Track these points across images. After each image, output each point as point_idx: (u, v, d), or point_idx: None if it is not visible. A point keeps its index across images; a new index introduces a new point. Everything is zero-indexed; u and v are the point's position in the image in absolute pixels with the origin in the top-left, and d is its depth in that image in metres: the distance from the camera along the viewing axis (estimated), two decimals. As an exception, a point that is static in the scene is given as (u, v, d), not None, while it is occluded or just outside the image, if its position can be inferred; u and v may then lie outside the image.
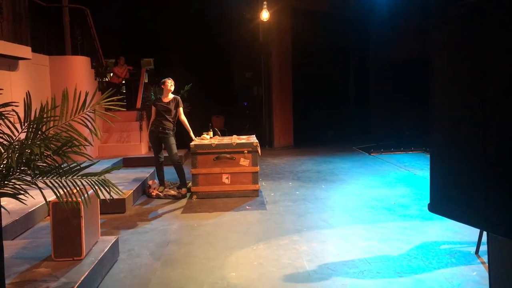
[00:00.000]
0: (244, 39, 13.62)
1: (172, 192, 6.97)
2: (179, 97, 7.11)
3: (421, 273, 3.86)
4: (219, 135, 7.79)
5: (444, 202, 1.19)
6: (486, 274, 3.79)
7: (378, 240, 4.76)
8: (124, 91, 12.69)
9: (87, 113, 3.14)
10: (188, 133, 7.09)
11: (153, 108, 7.07)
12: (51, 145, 2.85)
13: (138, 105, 10.91)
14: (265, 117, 13.26)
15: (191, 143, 6.89)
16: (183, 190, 7.02)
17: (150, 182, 7.50)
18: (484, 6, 1.01)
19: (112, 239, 4.33)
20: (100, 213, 4.33)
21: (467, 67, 1.10)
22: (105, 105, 3.22)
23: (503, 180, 0.99)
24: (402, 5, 12.80)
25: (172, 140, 6.97)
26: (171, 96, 7.00)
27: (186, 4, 13.08)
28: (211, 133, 7.52)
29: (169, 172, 7.49)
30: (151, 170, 8.07)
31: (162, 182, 7.24)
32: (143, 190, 7.26)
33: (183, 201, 6.71)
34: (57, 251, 3.74)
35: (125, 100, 11.14)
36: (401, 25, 13.26)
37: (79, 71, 9.43)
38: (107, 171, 3.21)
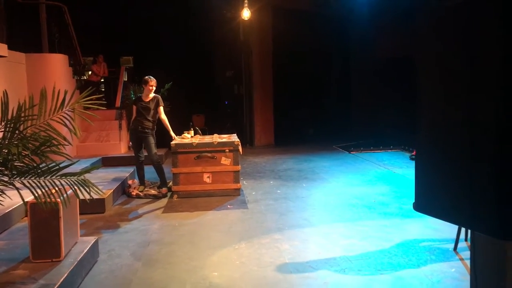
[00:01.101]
0: (224, 38, 13.57)
1: (153, 192, 6.91)
2: (159, 96, 7.04)
3: (401, 270, 3.91)
4: (200, 134, 7.75)
5: (429, 201, 1.20)
6: (465, 271, 3.87)
7: (359, 238, 4.80)
8: (103, 89, 12.53)
9: (66, 112, 3.09)
10: (168, 132, 7.03)
11: (134, 107, 7.01)
12: (29, 144, 2.79)
13: (118, 103, 10.78)
14: (246, 116, 13.25)
15: (171, 142, 6.84)
16: (164, 189, 6.96)
17: (130, 182, 7.42)
18: (470, 7, 1.02)
19: (91, 239, 4.27)
20: (79, 214, 4.26)
21: (454, 68, 1.11)
22: (85, 103, 3.16)
23: (487, 179, 1.00)
24: (383, 5, 12.92)
25: (152, 140, 6.91)
26: (151, 95, 6.93)
27: (167, 2, 12.96)
28: (192, 132, 7.48)
29: (150, 172, 7.42)
30: (131, 169, 7.98)
31: (142, 182, 7.17)
32: (122, 189, 7.18)
33: (164, 201, 6.66)
34: (35, 253, 3.66)
35: (103, 99, 10.99)
36: (382, 25, 13.38)
37: (56, 69, 9.26)
38: (87, 171, 3.17)
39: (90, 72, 12.02)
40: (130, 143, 7.21)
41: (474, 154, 1.05)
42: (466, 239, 4.55)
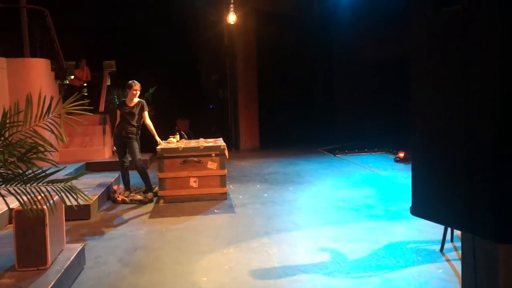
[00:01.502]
0: (209, 42, 13.55)
1: (138, 197, 6.85)
2: (144, 101, 6.98)
3: (389, 272, 3.94)
4: (185, 139, 7.72)
5: (426, 205, 1.21)
6: (452, 272, 3.91)
7: (346, 240, 4.82)
8: (86, 93, 12.39)
9: (52, 118, 3.05)
10: (153, 137, 6.97)
11: (118, 112, 6.94)
12: (15, 151, 2.75)
13: (101, 108, 10.68)
14: (231, 119, 13.24)
15: (157, 147, 6.79)
16: (150, 194, 6.90)
17: (115, 187, 7.35)
18: (465, 14, 1.04)
19: (78, 246, 4.21)
20: (64, 220, 4.20)
21: (449, 73, 1.12)
22: (72, 109, 3.13)
23: (483, 183, 1.01)
24: (364, 9, 13.06)
25: (136, 145, 6.85)
26: (136, 99, 6.88)
27: (150, 6, 12.90)
28: (177, 136, 7.45)
29: (135, 177, 7.35)
30: (116, 174, 7.90)
31: (127, 187, 7.11)
32: (108, 195, 7.10)
33: (150, 206, 6.61)
34: (20, 261, 3.60)
35: (88, 104, 10.87)
36: (364, 28, 13.51)
37: (38, 74, 9.14)
38: (74, 177, 3.13)
39: (72, 77, 11.88)
40: (114, 148, 7.12)
41: (470, 158, 1.06)
42: (452, 240, 4.61)
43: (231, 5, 8.41)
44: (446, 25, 1.11)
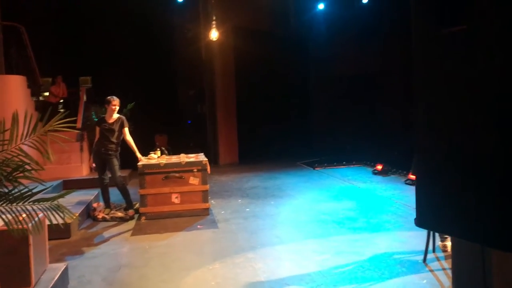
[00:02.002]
0: (186, 57, 13.58)
1: (119, 214, 6.77)
2: (123, 117, 6.94)
3: (375, 284, 3.99)
4: (166, 154, 7.68)
5: (431, 216, 1.25)
6: (435, 282, 3.99)
7: (331, 253, 4.86)
8: (61, 110, 12.22)
9: (38, 136, 3.01)
10: (134, 153, 6.92)
11: (97, 128, 6.88)
12: (2, 170, 2.71)
13: (79, 125, 10.54)
14: (209, 134, 13.23)
15: (138, 163, 6.74)
16: (130, 211, 6.83)
17: (94, 205, 7.23)
18: (468, 34, 1.10)
19: (61, 266, 4.13)
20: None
21: (452, 90, 1.18)
22: (58, 127, 3.10)
23: (500, 192, 1.05)
24: (339, 26, 13.34)
25: (115, 161, 6.79)
26: (115, 116, 6.83)
27: (127, 22, 12.87)
28: (158, 152, 7.40)
29: (115, 194, 7.26)
30: (95, 192, 7.78)
31: (107, 204, 7.02)
32: (87, 213, 6.99)
33: (131, 223, 6.53)
34: (3, 282, 3.51)
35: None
36: (339, 44, 13.78)
37: (15, 90, 8.99)
38: (60, 195, 3.10)
39: (47, 93, 11.71)
40: (94, 165, 7.01)
41: (477, 169, 1.11)
42: (434, 251, 4.70)
43: (213, 22, 8.46)
44: (448, 45, 1.17)
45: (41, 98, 11.50)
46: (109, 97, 6.84)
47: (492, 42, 1.05)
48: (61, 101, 12.15)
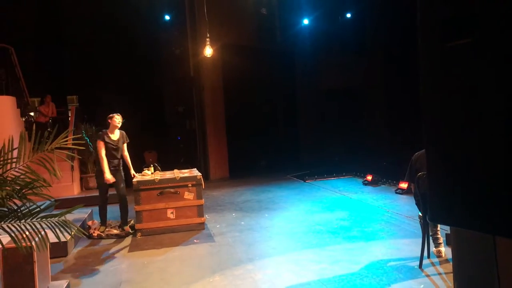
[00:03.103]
0: (174, 74, 13.69)
1: (115, 231, 6.78)
2: (124, 132, 7.00)
3: (374, 290, 4.09)
4: (159, 170, 7.73)
5: (446, 210, 1.35)
6: (433, 286, 4.11)
7: (328, 262, 4.95)
8: (49, 130, 12.20)
9: (46, 153, 3.09)
10: (129, 169, 6.97)
11: (102, 144, 6.72)
12: (13, 187, 2.77)
13: (69, 144, 10.50)
14: (199, 150, 13.30)
15: (133, 180, 6.78)
16: (127, 228, 6.85)
17: (89, 223, 7.23)
18: (472, 48, 1.21)
19: (63, 283, 4.17)
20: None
21: (459, 103, 1.29)
22: (63, 145, 3.18)
23: (505, 185, 1.15)
24: (324, 40, 13.63)
25: (122, 174, 6.89)
26: (117, 132, 6.88)
27: (115, 40, 12.98)
28: (151, 168, 7.46)
29: (109, 211, 7.24)
30: (89, 210, 7.78)
31: (104, 222, 7.01)
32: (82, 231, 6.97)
33: (128, 240, 6.54)
34: (8, 301, 3.54)
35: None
36: (324, 59, 14.06)
37: (5, 111, 8.94)
38: (68, 211, 3.16)
39: (37, 113, 11.68)
40: (97, 183, 6.90)
41: (494, 158, 1.20)
42: (429, 257, 4.82)
43: (207, 39, 8.60)
44: (453, 58, 1.28)
45: (31, 119, 11.48)
46: (112, 114, 6.85)
47: (496, 54, 1.16)
48: (50, 120, 12.13)
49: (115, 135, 6.83)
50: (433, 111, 1.36)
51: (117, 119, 6.79)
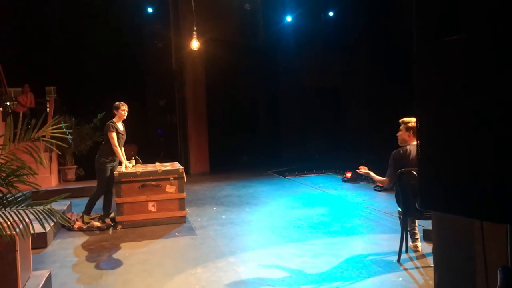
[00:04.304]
0: (157, 67, 13.61)
1: (97, 224, 6.72)
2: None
3: (354, 283, 4.18)
4: (141, 163, 7.70)
5: (435, 197, 1.40)
6: (410, 279, 4.22)
7: (309, 256, 5.02)
8: (29, 121, 11.99)
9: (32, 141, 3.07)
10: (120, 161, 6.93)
11: (114, 134, 6.63)
12: (-1, 174, 2.75)
13: (48, 135, 10.36)
14: (180, 144, 13.26)
15: (115, 172, 6.75)
16: (107, 220, 6.81)
17: (69, 215, 7.17)
18: (468, 41, 1.27)
19: (45, 273, 4.13)
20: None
21: (455, 97, 1.34)
22: (52, 133, 3.16)
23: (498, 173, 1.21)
24: (306, 38, 13.72)
25: None
26: (120, 123, 6.86)
27: (96, 32, 12.82)
28: (133, 161, 7.42)
29: (82, 204, 7.15)
30: (67, 202, 7.70)
31: (89, 213, 6.90)
32: (61, 223, 6.91)
33: (108, 232, 6.51)
34: (-11, 289, 3.50)
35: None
36: (306, 57, 14.15)
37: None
38: (54, 199, 3.15)
39: (15, 103, 11.49)
40: (98, 174, 6.79)
41: (487, 143, 1.25)
42: (406, 251, 4.94)
43: (194, 32, 8.58)
44: (449, 54, 1.33)
45: (9, 110, 11.28)
46: (117, 103, 6.79)
47: (490, 49, 1.22)
48: (28, 111, 11.93)
49: (121, 125, 6.81)
50: (426, 105, 1.42)
51: (122, 108, 6.75)
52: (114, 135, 6.63)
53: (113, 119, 6.81)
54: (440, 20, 1.32)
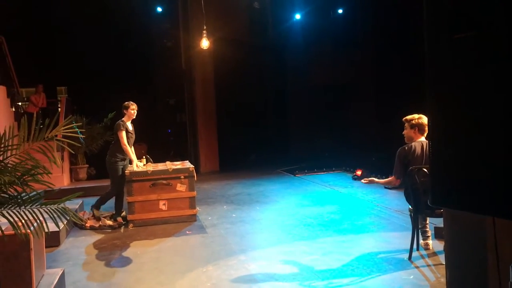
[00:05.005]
0: (166, 67, 13.67)
1: (109, 222, 6.78)
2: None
3: (365, 280, 4.18)
4: (151, 162, 7.75)
5: (447, 194, 1.41)
6: (422, 277, 4.21)
7: (320, 254, 5.03)
8: (41, 121, 12.11)
9: (46, 140, 3.11)
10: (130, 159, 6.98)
11: (124, 133, 6.70)
12: (14, 174, 2.79)
13: (60, 135, 10.45)
14: (190, 143, 13.32)
15: (126, 171, 6.80)
16: (119, 219, 6.87)
17: (81, 214, 7.25)
18: (479, 39, 1.28)
19: (58, 271, 4.18)
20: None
21: (466, 95, 1.35)
22: (65, 132, 3.20)
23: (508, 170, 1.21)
24: (315, 35, 13.69)
25: None
26: (129, 122, 6.92)
27: (106, 31, 12.90)
28: (144, 160, 7.47)
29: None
30: (79, 201, 7.77)
31: (98, 208, 7.01)
32: (73, 222, 6.98)
33: (120, 231, 6.57)
34: (4, 287, 3.55)
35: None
36: (314, 54, 14.13)
37: (-6, 100, 8.94)
38: (67, 198, 3.19)
39: (27, 103, 11.61)
40: (111, 174, 6.85)
41: (491, 156, 1.27)
42: (418, 249, 4.93)
43: (204, 31, 8.62)
44: (459, 50, 1.34)
45: (21, 110, 11.42)
46: (126, 102, 6.84)
47: (501, 46, 1.23)
48: (40, 111, 12.05)
49: (130, 124, 6.86)
50: (437, 101, 1.43)
51: (132, 107, 6.79)
52: (123, 134, 6.69)
53: (122, 118, 6.87)
54: (451, 18, 1.32)
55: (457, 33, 1.31)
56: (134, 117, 6.94)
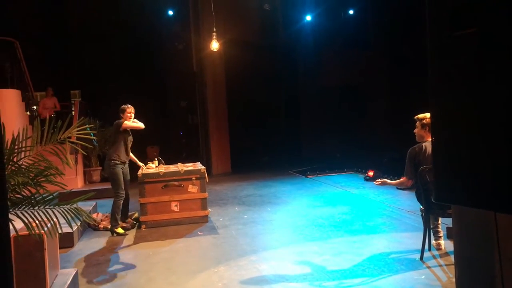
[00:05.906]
0: (177, 69, 13.76)
1: (123, 224, 6.84)
2: None
3: (376, 280, 4.17)
4: (163, 164, 7.82)
5: (450, 190, 1.42)
6: (433, 277, 4.19)
7: (331, 254, 5.03)
8: (55, 124, 12.25)
9: (59, 142, 3.17)
10: (136, 162, 7.02)
11: (120, 136, 6.66)
12: (28, 175, 2.85)
13: (73, 138, 10.57)
14: (202, 145, 13.38)
15: (138, 172, 6.86)
16: (129, 220, 6.92)
17: (94, 215, 7.32)
18: (479, 37, 1.28)
19: (72, 271, 4.24)
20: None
21: (467, 91, 1.36)
22: (78, 134, 3.26)
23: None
24: (326, 36, 13.68)
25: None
26: None
27: (118, 35, 13.03)
28: (156, 162, 7.54)
29: (107, 205, 7.23)
30: (93, 203, 7.86)
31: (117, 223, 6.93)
32: (87, 223, 7.06)
33: (132, 232, 6.62)
34: (19, 286, 3.62)
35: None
36: (326, 55, 14.12)
37: (9, 104, 9.04)
38: (80, 199, 3.24)
39: (38, 107, 11.75)
40: (114, 179, 6.60)
41: (493, 150, 1.27)
42: (429, 249, 4.90)
43: (214, 33, 8.69)
44: (462, 48, 1.35)
45: (35, 114, 11.56)
46: (123, 106, 6.77)
47: (502, 42, 1.23)
48: (53, 115, 12.19)
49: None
50: (440, 98, 1.44)
51: (128, 110, 6.63)
52: (125, 121, 6.57)
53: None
54: (452, 14, 1.33)
55: (457, 30, 1.32)
56: (132, 118, 6.89)
